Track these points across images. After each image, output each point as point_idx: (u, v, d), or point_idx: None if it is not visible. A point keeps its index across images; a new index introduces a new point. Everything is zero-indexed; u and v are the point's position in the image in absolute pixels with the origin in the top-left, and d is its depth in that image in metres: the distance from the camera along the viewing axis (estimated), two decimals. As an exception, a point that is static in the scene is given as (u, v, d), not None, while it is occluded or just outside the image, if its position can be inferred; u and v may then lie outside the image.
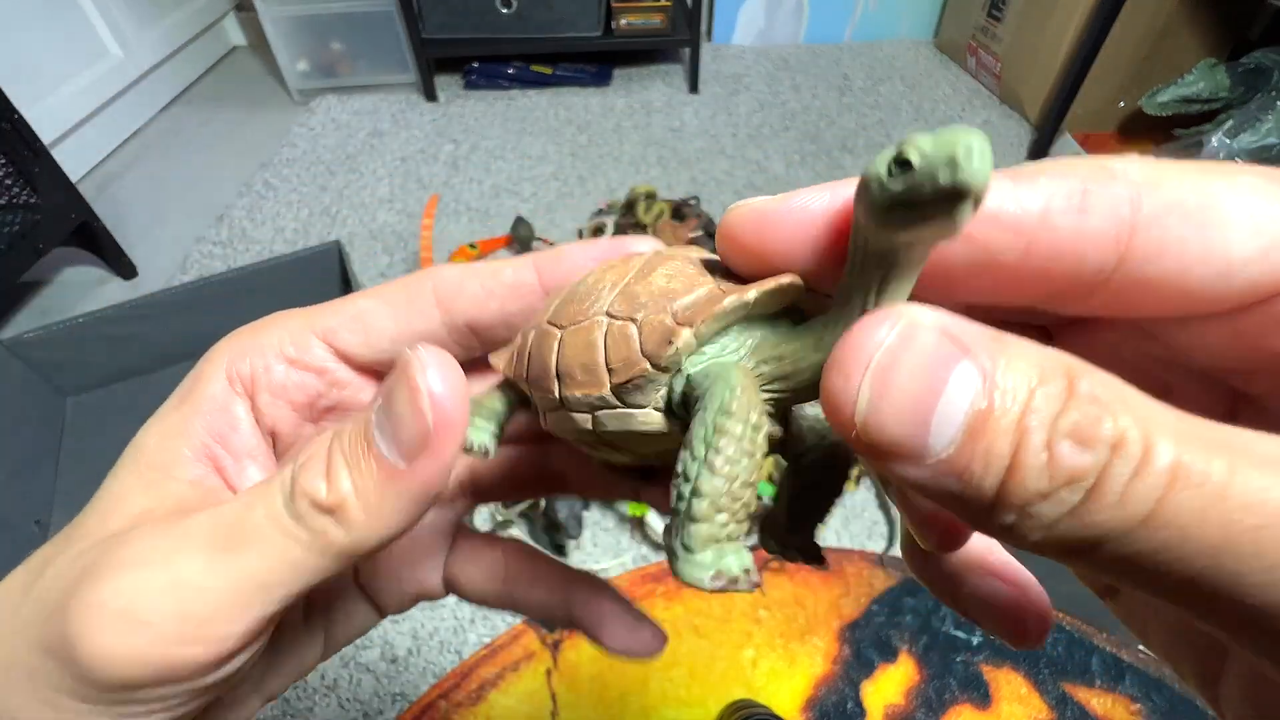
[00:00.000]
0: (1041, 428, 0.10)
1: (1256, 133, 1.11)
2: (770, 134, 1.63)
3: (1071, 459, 0.10)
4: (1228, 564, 0.09)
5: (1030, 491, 0.10)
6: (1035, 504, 0.10)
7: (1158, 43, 1.36)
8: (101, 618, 0.14)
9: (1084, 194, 0.12)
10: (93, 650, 0.14)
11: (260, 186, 1.48)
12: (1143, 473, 0.09)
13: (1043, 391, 0.10)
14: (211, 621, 0.14)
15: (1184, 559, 0.09)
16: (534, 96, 1.76)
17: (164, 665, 0.14)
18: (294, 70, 1.71)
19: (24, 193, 1.08)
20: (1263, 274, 0.12)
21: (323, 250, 1.07)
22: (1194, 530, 0.09)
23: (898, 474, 0.11)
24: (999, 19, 1.69)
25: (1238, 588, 0.09)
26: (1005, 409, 0.10)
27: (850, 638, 0.77)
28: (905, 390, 0.11)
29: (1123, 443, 0.10)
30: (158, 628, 0.14)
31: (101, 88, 1.51)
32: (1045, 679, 0.74)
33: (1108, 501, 0.10)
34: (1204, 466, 0.09)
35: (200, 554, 0.14)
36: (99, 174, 1.52)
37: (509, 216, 1.37)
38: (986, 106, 1.72)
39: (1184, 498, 0.09)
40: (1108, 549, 0.10)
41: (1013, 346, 0.11)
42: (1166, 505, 0.09)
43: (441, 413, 0.14)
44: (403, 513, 0.15)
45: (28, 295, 1.23)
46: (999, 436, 0.10)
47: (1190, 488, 0.09)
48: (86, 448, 0.97)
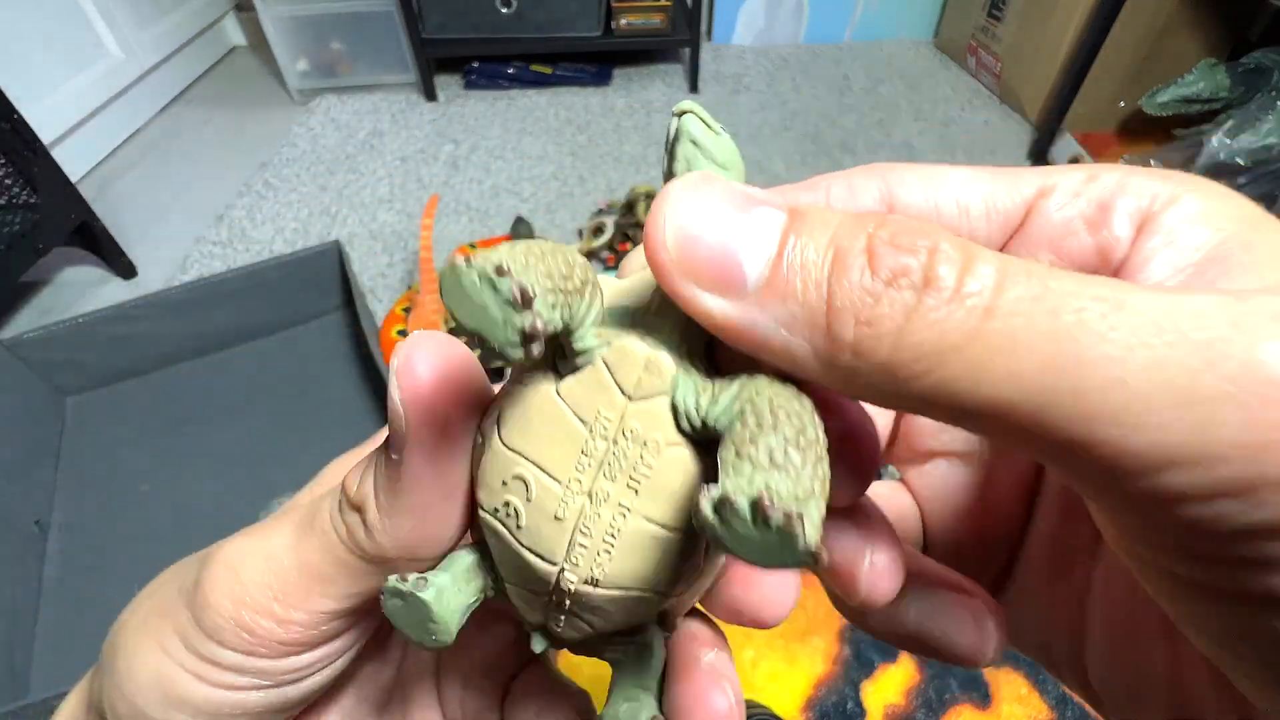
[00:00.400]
0: (857, 237, 0.10)
1: (1256, 133, 1.11)
2: (770, 134, 1.63)
3: (892, 257, 0.10)
4: (1066, 353, 0.09)
5: (859, 291, 0.10)
6: (869, 309, 0.10)
7: (1158, 43, 1.36)
8: (220, 568, 0.16)
9: (849, 186, 0.15)
10: (204, 594, 0.15)
11: (260, 186, 1.48)
12: (971, 271, 0.10)
13: (852, 218, 0.11)
14: (283, 598, 0.15)
15: (1026, 359, 0.09)
16: (534, 96, 1.76)
17: (244, 625, 0.15)
18: (294, 70, 1.71)
19: (24, 193, 1.08)
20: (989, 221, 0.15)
21: (323, 250, 1.07)
22: (1032, 322, 0.09)
23: (725, 318, 0.11)
24: (999, 19, 1.69)
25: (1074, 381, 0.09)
26: (816, 229, 0.11)
27: (850, 638, 0.77)
28: (711, 214, 0.11)
29: (938, 249, 0.10)
30: (249, 589, 0.15)
31: (101, 88, 1.51)
32: (1045, 679, 0.74)
33: (942, 297, 0.10)
34: (1024, 269, 0.10)
35: (289, 535, 0.16)
36: (99, 174, 1.52)
37: (509, 216, 1.37)
38: (986, 106, 1.72)
39: (1016, 292, 0.09)
40: (958, 362, 0.09)
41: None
42: (1003, 299, 0.09)
43: (411, 393, 0.14)
44: (409, 512, 0.15)
45: (28, 295, 1.23)
46: (812, 247, 0.10)
47: (1018, 283, 0.10)
48: (86, 448, 0.97)
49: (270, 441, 0.98)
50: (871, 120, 1.68)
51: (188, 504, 0.91)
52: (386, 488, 0.15)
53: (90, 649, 0.83)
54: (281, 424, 1.00)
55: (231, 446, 0.97)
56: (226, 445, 0.97)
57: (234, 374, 1.06)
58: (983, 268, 0.10)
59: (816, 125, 1.66)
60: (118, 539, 0.87)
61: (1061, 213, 0.14)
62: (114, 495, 0.92)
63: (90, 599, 0.82)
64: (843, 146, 1.59)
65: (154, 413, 1.01)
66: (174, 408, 1.01)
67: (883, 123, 1.67)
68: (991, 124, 1.66)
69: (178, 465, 0.95)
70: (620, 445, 0.14)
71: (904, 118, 1.69)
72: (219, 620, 0.15)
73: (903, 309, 0.10)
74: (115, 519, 0.89)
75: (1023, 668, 0.75)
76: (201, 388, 1.04)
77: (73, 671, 0.82)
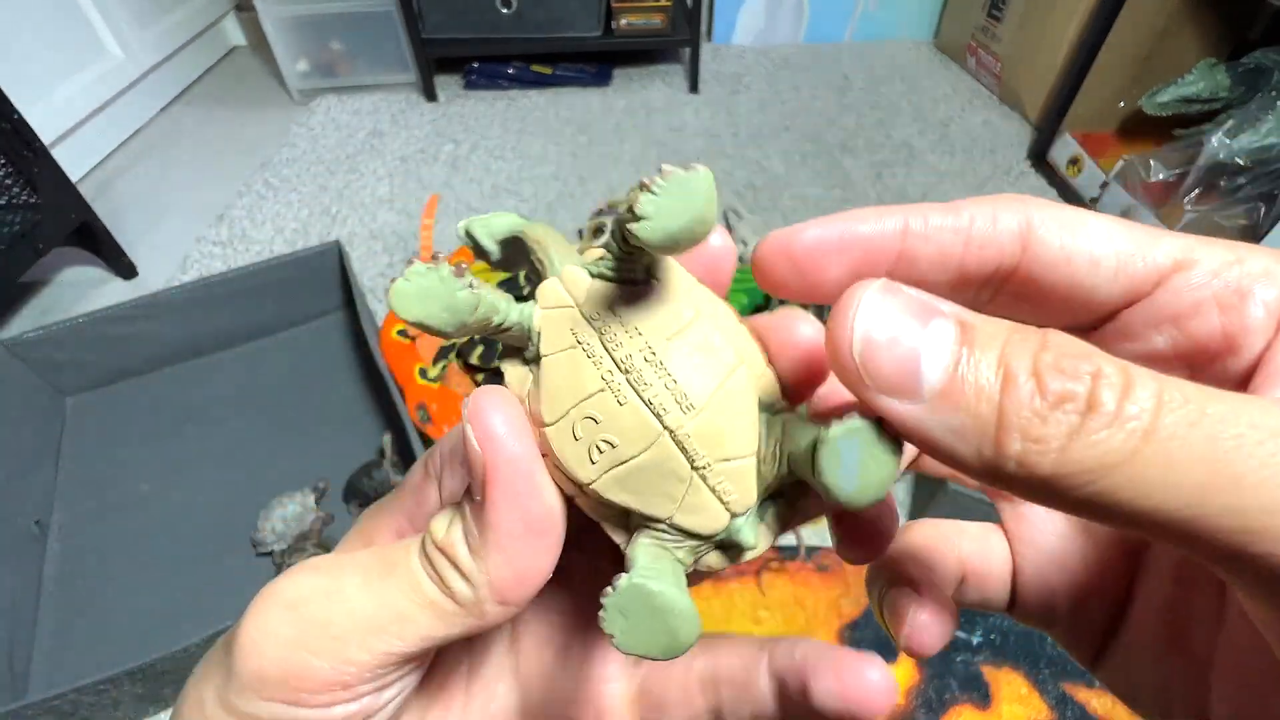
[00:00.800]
0: (1024, 357, 0.11)
1: (1256, 133, 1.11)
2: (770, 134, 1.63)
3: (1059, 382, 0.11)
4: (1223, 474, 0.10)
5: (1028, 412, 0.11)
6: (1036, 429, 0.11)
7: (1158, 43, 1.36)
8: (271, 604, 0.16)
9: (993, 210, 0.15)
10: (249, 632, 0.15)
11: (260, 186, 1.48)
12: (1130, 396, 0.11)
13: (1018, 336, 0.12)
14: (346, 640, 0.15)
15: (1185, 476, 0.10)
16: (534, 96, 1.76)
17: (292, 669, 0.15)
18: (294, 70, 1.71)
19: (24, 193, 1.08)
20: (1117, 271, 0.14)
21: (323, 250, 1.07)
22: (1189, 446, 0.10)
23: (900, 418, 0.12)
24: (999, 19, 1.69)
25: (1232, 504, 0.10)
26: (986, 344, 0.12)
27: (850, 638, 0.77)
28: (894, 324, 0.12)
29: (1101, 374, 0.11)
30: (305, 628, 0.15)
31: (101, 88, 1.51)
32: (1045, 679, 0.74)
33: (1103, 420, 0.10)
34: (1180, 392, 0.11)
35: (361, 574, 0.16)
36: (99, 174, 1.51)
37: (509, 216, 1.37)
38: (986, 106, 1.72)
39: (1174, 417, 0.10)
40: (1118, 476, 0.10)
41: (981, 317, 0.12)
42: (1161, 423, 0.10)
43: (489, 442, 0.15)
44: (498, 550, 0.15)
45: (28, 295, 1.22)
46: (984, 365, 0.12)
47: (1175, 409, 0.10)
48: (86, 448, 0.97)
49: (270, 441, 0.98)
50: (871, 120, 1.68)
51: (188, 504, 0.91)
52: (473, 529, 0.15)
53: (90, 649, 0.84)
54: (281, 424, 1.00)
55: (231, 446, 0.97)
56: (226, 445, 0.97)
57: (234, 374, 1.06)
58: (1141, 392, 0.11)
59: (816, 125, 1.66)
60: (118, 539, 0.87)
61: (1195, 293, 0.14)
62: (114, 495, 0.92)
63: (90, 599, 0.82)
64: (843, 146, 1.59)
65: (154, 413, 1.01)
66: (174, 408, 1.01)
67: (883, 123, 1.67)
68: (991, 124, 1.66)
69: (178, 465, 0.95)
70: (599, 324, 0.16)
71: (904, 118, 1.69)
72: (264, 664, 0.15)
73: (1067, 430, 0.11)
74: (115, 519, 0.89)
75: (1023, 667, 0.75)
76: (201, 388, 1.04)
77: (73, 671, 0.83)
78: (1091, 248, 0.14)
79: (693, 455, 0.15)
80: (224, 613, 0.68)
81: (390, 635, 0.15)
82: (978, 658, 0.76)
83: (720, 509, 0.16)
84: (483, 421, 0.15)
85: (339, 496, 0.91)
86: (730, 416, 0.16)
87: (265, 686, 0.15)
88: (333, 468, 0.92)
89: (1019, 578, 0.20)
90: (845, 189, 1.47)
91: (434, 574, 0.16)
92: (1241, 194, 1.11)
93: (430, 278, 0.15)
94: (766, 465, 0.16)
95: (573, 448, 0.16)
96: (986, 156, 1.56)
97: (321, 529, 0.86)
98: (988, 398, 0.11)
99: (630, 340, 0.16)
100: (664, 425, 0.15)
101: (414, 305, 0.15)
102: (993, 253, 0.15)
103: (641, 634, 0.15)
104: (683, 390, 0.15)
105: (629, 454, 0.16)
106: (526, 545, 0.15)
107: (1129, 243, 0.14)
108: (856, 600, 0.80)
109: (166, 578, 0.84)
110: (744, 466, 0.16)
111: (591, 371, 0.16)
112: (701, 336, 0.16)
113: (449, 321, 0.15)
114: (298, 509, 0.86)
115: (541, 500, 0.16)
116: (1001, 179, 1.49)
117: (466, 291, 0.15)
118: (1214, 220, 1.13)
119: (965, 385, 0.11)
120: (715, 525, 0.16)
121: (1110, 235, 0.14)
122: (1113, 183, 1.28)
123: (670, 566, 0.16)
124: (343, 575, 0.16)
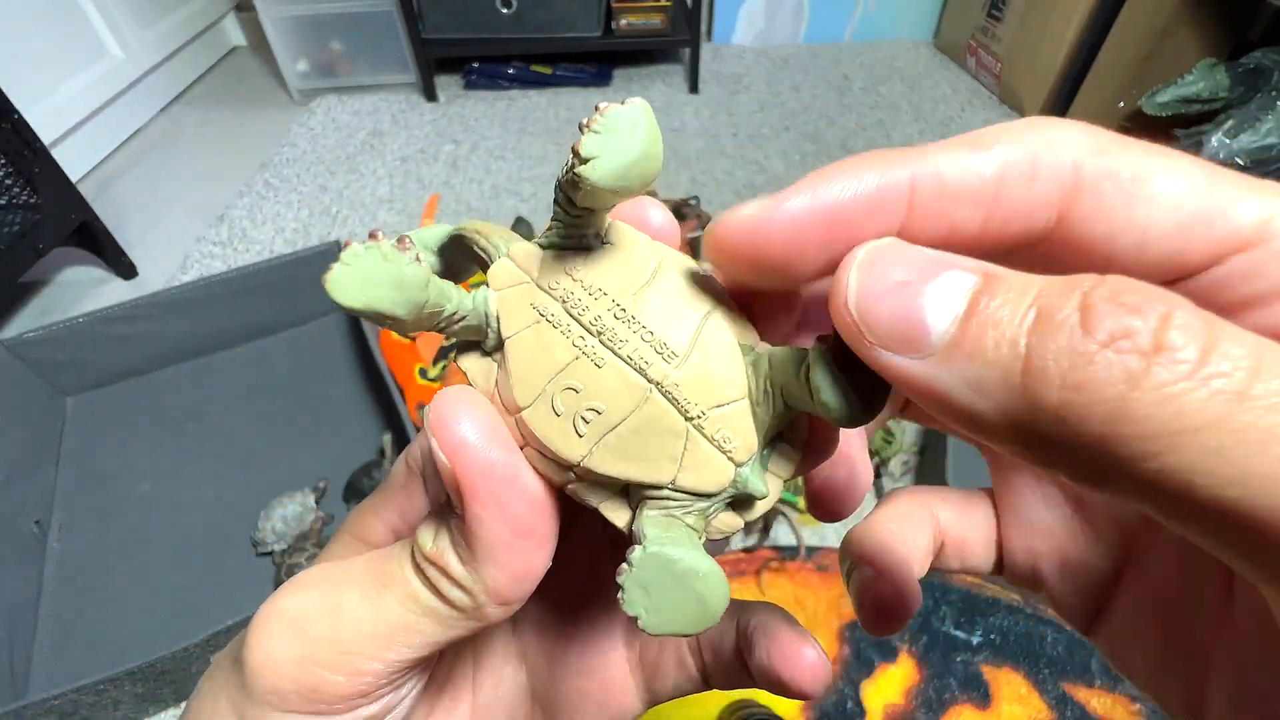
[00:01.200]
0: (1066, 294, 0.09)
1: (1256, 133, 1.11)
2: (770, 134, 1.63)
3: (1114, 318, 0.08)
4: None
5: (1066, 351, 0.08)
6: (1079, 371, 0.08)
7: (1158, 43, 1.36)
8: (275, 622, 0.15)
9: (1032, 162, 0.12)
10: (258, 653, 0.15)
11: (260, 186, 1.48)
12: (1217, 349, 0.08)
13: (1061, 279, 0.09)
14: (356, 653, 0.15)
15: None
16: (534, 96, 1.76)
17: (308, 685, 0.15)
18: (294, 70, 1.71)
19: (24, 193, 1.07)
20: (1175, 252, 0.11)
21: (323, 250, 1.07)
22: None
23: (905, 375, 0.10)
24: (999, 19, 1.69)
25: None
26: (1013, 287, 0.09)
27: (850, 637, 0.77)
28: (895, 273, 0.11)
29: (1173, 316, 0.08)
30: (313, 647, 0.15)
31: (101, 88, 1.51)
32: (1045, 679, 0.74)
33: (1179, 370, 0.08)
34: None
35: (358, 587, 0.16)
36: (99, 174, 1.51)
37: (509, 216, 1.37)
38: (986, 106, 1.72)
39: (1277, 384, 0.08)
40: (1195, 450, 0.08)
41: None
42: (1258, 388, 0.08)
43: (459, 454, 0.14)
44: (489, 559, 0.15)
45: (28, 295, 1.22)
46: (1009, 306, 0.09)
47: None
48: (86, 448, 0.97)
49: (270, 441, 0.98)
50: (871, 120, 1.68)
51: (188, 504, 0.91)
52: (460, 540, 0.15)
53: (90, 649, 0.84)
54: (281, 424, 1.00)
55: (231, 446, 0.97)
56: (226, 445, 0.97)
57: (234, 374, 1.06)
58: (1234, 349, 0.08)
59: (816, 125, 1.66)
60: (118, 539, 0.87)
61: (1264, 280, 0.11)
62: (114, 495, 0.92)
63: (90, 599, 0.82)
64: (843, 146, 1.59)
65: (154, 413, 1.01)
66: (174, 408, 1.01)
67: (883, 123, 1.67)
68: (991, 124, 1.66)
69: (178, 465, 0.95)
70: (559, 293, 0.15)
71: (904, 118, 1.69)
72: (280, 682, 0.15)
73: (1124, 375, 0.08)
74: (115, 519, 0.89)
75: (1023, 667, 0.75)
76: (201, 388, 1.04)
77: (73, 671, 0.83)
78: (1148, 222, 0.11)
79: (685, 406, 0.14)
80: (224, 613, 0.68)
81: (398, 645, 0.15)
82: (978, 658, 0.76)
83: (723, 460, 0.15)
84: (448, 432, 0.14)
85: (339, 496, 0.91)
86: (715, 360, 0.15)
87: (284, 701, 0.15)
88: (333, 468, 0.92)
89: (1005, 545, 0.20)
90: (845, 189, 1.47)
91: (428, 584, 0.15)
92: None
93: (370, 257, 0.13)
94: (761, 407, 0.15)
95: (556, 425, 0.15)
96: (986, 156, 1.56)
97: (321, 529, 0.86)
98: (1010, 339, 0.09)
99: (596, 302, 0.15)
100: (649, 379, 0.14)
101: (357, 290, 0.13)
102: (1019, 227, 0.12)
103: (668, 608, 0.14)
104: (661, 340, 0.15)
105: (618, 417, 0.14)
106: (518, 549, 0.15)
107: (1199, 205, 0.11)
108: (856, 600, 0.80)
109: (166, 578, 0.84)
110: (738, 410, 0.15)
111: (562, 341, 0.15)
112: (669, 285, 0.15)
113: (400, 303, 0.14)
114: (298, 509, 0.86)
115: (527, 503, 0.15)
116: (1001, 179, 1.49)
117: (414, 266, 0.14)
118: (1214, 220, 1.12)
119: (980, 329, 0.09)
120: (721, 479, 0.15)
121: (1178, 199, 0.11)
122: (1113, 183, 1.28)
123: (685, 534, 0.14)
124: (340, 591, 0.16)
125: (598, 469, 0.15)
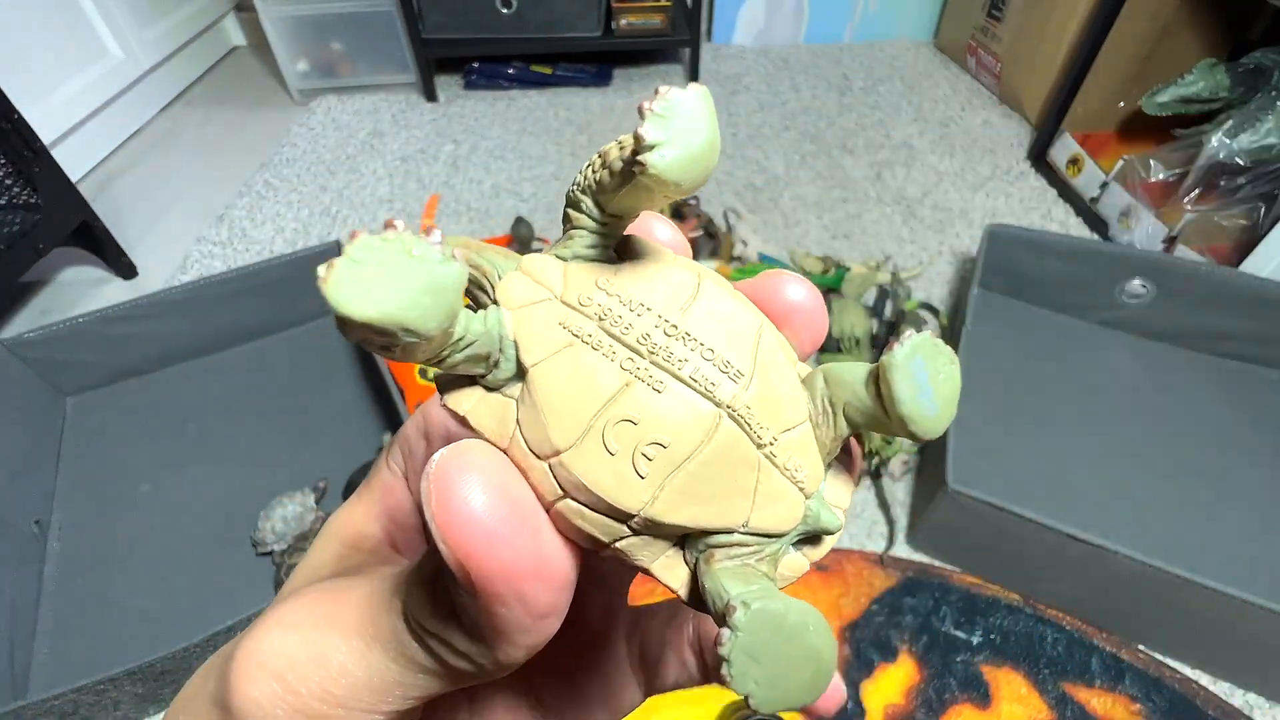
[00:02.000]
0: None
1: (1256, 133, 1.11)
2: (770, 134, 1.63)
3: None
4: None
5: None
6: None
7: (1158, 43, 1.36)
8: (258, 672, 0.14)
9: None
10: (244, 703, 0.14)
11: (260, 186, 1.48)
12: None
13: None
14: (351, 707, 0.14)
15: None
16: (534, 96, 1.76)
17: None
18: (294, 70, 1.71)
19: (24, 193, 1.08)
20: None
21: (323, 250, 1.07)
22: None
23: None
24: (999, 19, 1.69)
25: None
26: None
27: (850, 638, 0.77)
28: None
29: None
30: (305, 698, 0.14)
31: (101, 88, 1.51)
32: (1045, 679, 0.74)
33: None
34: None
35: (346, 639, 0.14)
36: (99, 174, 1.52)
37: (509, 216, 1.37)
38: (986, 106, 1.72)
39: None
40: None
41: None
42: None
43: (472, 559, 0.11)
44: (500, 637, 0.13)
45: (28, 295, 1.23)
46: None
47: None
48: (86, 448, 0.97)
49: (270, 441, 0.98)
50: (871, 120, 1.68)
51: (188, 504, 0.91)
52: (467, 619, 0.13)
53: (90, 649, 0.84)
54: (281, 424, 1.00)
55: (231, 446, 0.97)
56: (226, 445, 0.97)
57: (234, 374, 1.06)
58: None
59: (816, 125, 1.66)
60: (118, 539, 0.87)
61: None
62: (114, 495, 0.92)
63: (90, 599, 0.82)
64: (843, 146, 1.59)
65: (154, 413, 1.01)
66: (174, 408, 1.01)
67: (883, 123, 1.67)
68: (991, 124, 1.66)
69: (178, 465, 0.95)
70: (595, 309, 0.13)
71: (904, 118, 1.69)
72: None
73: None
74: (115, 519, 0.89)
75: (1023, 667, 0.75)
76: (201, 388, 1.04)
77: (73, 671, 0.82)
78: None
79: (757, 433, 0.13)
80: (224, 613, 0.68)
81: (396, 698, 0.14)
82: (977, 658, 0.76)
83: (795, 492, 0.13)
84: (458, 527, 0.11)
85: (339, 496, 0.91)
86: (778, 379, 0.13)
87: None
88: (333, 468, 0.92)
89: None
90: (845, 189, 1.47)
91: (427, 649, 0.13)
92: (1241, 194, 1.11)
93: (390, 251, 0.10)
94: (821, 429, 0.13)
95: (610, 467, 0.12)
96: (986, 156, 1.56)
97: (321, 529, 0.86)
98: None
99: (641, 319, 0.13)
100: (717, 402, 0.12)
101: (370, 296, 0.10)
102: None
103: (781, 676, 0.12)
104: (724, 359, 0.13)
105: (685, 451, 0.12)
106: (538, 629, 0.12)
107: None
108: (856, 600, 0.80)
109: (166, 578, 0.84)
110: (804, 434, 0.13)
111: (606, 365, 0.12)
112: (716, 299, 0.14)
113: (431, 313, 0.10)
114: (298, 509, 0.86)
115: (554, 589, 0.12)
116: (1001, 179, 1.49)
117: (449, 264, 0.10)
118: (1214, 220, 1.13)
119: None
120: (795, 514, 0.13)
121: None
122: (1112, 183, 1.28)
123: (769, 586, 0.12)
124: (326, 639, 0.14)
125: (663, 518, 0.12)
